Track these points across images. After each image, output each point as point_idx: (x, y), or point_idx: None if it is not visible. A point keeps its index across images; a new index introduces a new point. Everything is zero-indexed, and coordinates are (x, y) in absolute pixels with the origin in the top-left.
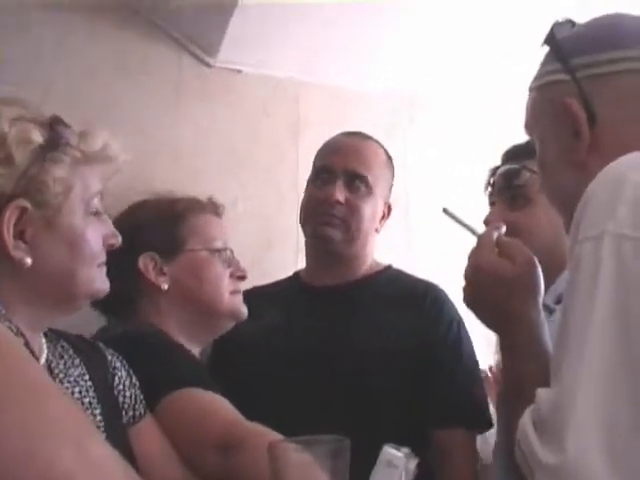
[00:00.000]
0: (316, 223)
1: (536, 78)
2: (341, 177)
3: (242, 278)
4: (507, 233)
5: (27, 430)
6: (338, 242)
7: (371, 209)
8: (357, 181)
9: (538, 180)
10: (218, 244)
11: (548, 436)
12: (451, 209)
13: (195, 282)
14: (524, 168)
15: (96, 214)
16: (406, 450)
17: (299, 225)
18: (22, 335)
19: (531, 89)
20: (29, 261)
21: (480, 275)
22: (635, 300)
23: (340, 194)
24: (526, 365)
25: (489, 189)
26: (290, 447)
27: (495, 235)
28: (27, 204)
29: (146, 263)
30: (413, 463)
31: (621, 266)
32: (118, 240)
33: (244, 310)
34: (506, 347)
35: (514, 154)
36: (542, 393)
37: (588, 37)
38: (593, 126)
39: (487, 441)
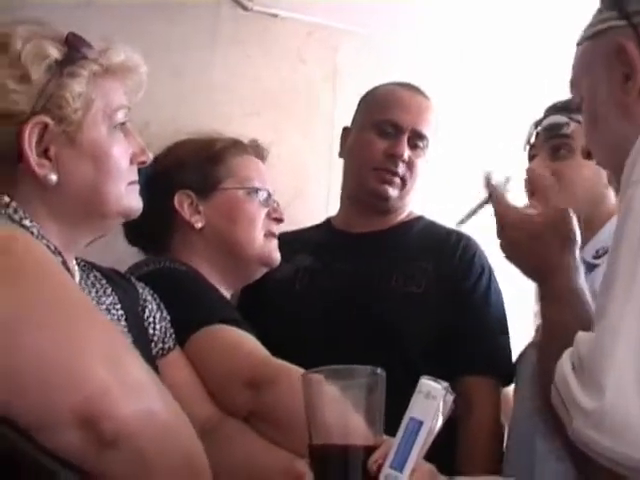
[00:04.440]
0: (378, 179)
1: (588, 28)
2: (407, 134)
3: (279, 220)
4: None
5: (65, 345)
6: (393, 200)
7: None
8: (419, 140)
9: (584, 133)
10: (255, 184)
11: (587, 379)
12: (461, 218)
13: (227, 222)
14: (570, 119)
15: (123, 130)
16: (444, 383)
17: (331, 173)
18: (60, 254)
19: (580, 41)
20: (54, 178)
21: (512, 232)
22: None
23: (406, 152)
24: (563, 311)
25: (532, 141)
26: (323, 378)
27: (498, 187)
28: (48, 120)
29: (181, 200)
30: (450, 397)
31: None
32: (149, 157)
33: (276, 256)
34: (544, 294)
35: (558, 107)
36: (583, 336)
37: None
38: None
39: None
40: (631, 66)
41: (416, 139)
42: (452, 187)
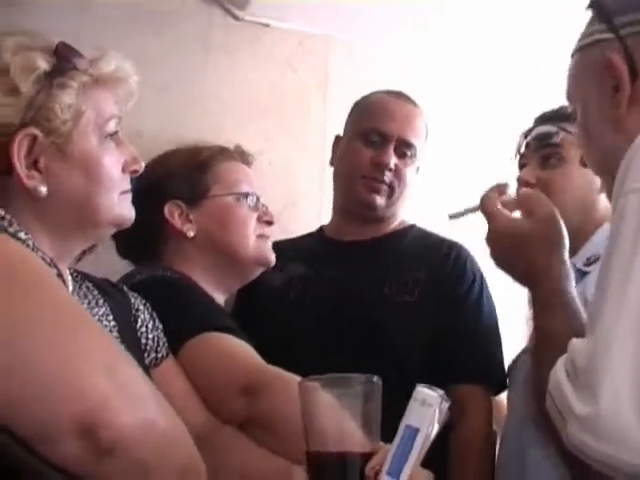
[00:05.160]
0: (365, 188)
1: (579, 40)
2: (393, 143)
3: (270, 223)
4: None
5: (63, 356)
6: (381, 208)
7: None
8: (406, 149)
9: (576, 141)
10: (243, 189)
11: (582, 386)
12: (454, 212)
13: (220, 228)
14: (559, 128)
15: (114, 140)
16: (440, 391)
17: (323, 182)
18: (55, 266)
19: (573, 53)
20: (44, 190)
21: (500, 238)
22: None
23: (393, 160)
24: (555, 317)
25: (522, 150)
26: (320, 386)
27: (495, 196)
28: (37, 132)
29: (172, 210)
30: (446, 404)
31: None
32: (141, 166)
33: (271, 256)
34: (534, 300)
35: (547, 117)
36: (576, 343)
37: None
38: (635, 80)
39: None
40: (618, 79)
41: (403, 147)
42: (445, 195)
